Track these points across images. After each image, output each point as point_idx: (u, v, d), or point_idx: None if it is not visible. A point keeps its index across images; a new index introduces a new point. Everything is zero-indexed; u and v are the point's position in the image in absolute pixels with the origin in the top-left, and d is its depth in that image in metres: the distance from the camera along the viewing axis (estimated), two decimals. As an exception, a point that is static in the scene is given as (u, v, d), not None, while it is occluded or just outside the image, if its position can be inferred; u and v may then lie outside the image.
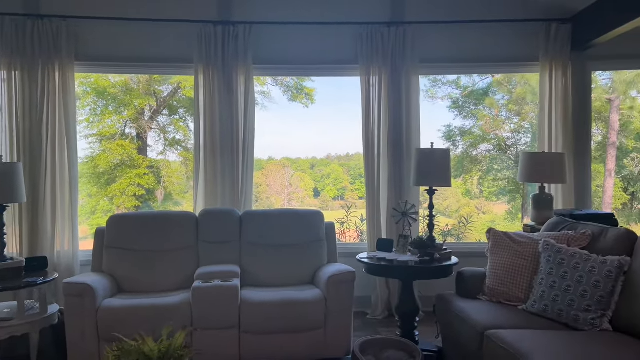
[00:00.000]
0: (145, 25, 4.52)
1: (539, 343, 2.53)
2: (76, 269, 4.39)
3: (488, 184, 10.10)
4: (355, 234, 5.84)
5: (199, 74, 4.52)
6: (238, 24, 4.52)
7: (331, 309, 3.56)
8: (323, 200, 10.99)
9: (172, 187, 9.32)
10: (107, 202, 8.84)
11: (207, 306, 3.42)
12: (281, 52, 4.75)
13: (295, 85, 8.95)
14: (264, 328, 3.48)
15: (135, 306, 3.42)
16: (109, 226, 3.98)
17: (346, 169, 11.07)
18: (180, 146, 9.30)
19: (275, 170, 10.89)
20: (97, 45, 4.53)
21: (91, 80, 8.18)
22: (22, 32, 4.25)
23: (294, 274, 4.00)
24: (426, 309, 4.37)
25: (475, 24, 4.73)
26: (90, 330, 3.36)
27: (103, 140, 8.57)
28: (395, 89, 4.62)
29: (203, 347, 3.31)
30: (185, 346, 2.20)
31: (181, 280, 3.89)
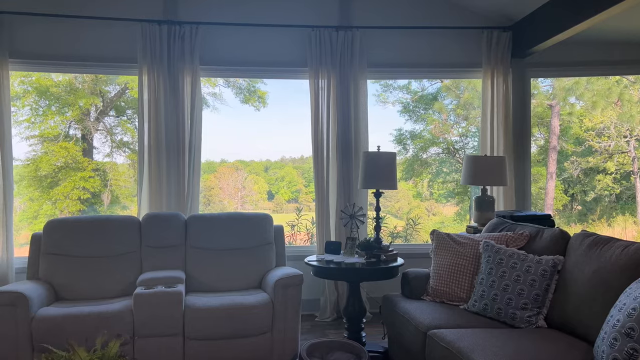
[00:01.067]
0: (87, 23, 4.37)
1: (478, 341, 2.59)
2: (10, 277, 4.17)
3: (438, 186, 10.36)
4: (306, 237, 5.84)
5: (143, 75, 4.41)
6: (184, 23, 4.43)
7: (278, 313, 3.54)
8: (277, 202, 10.95)
9: (120, 190, 9.04)
10: (50, 206, 8.46)
11: (149, 313, 3.32)
12: (230, 53, 4.69)
13: (248, 87, 8.87)
14: (210, 334, 3.41)
15: (73, 314, 3.28)
16: (46, 231, 3.80)
17: (300, 171, 11.07)
18: (128, 148, 9.04)
19: (228, 173, 10.76)
20: (35, 42, 4.33)
21: (32, 79, 7.83)
22: (-50, 26, 4.02)
23: (241, 279, 3.95)
24: (373, 310, 4.42)
25: (421, 29, 4.83)
26: (23, 340, 3.20)
27: (45, 142, 8.21)
28: (343, 92, 4.65)
29: (145, 355, 3.21)
30: (120, 355, 2.12)
31: (123, 286, 3.76)
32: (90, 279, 3.74)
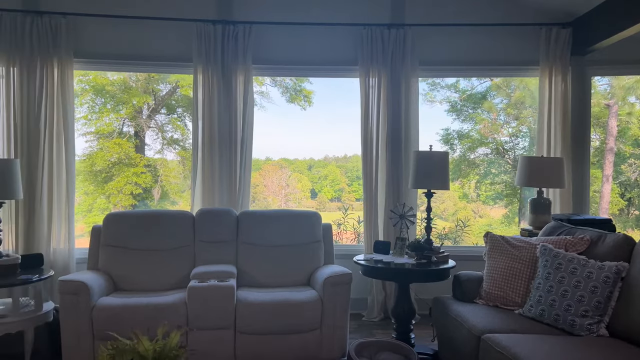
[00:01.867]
0: (145, 23, 4.51)
1: (535, 348, 2.52)
2: (72, 266, 4.36)
3: (485, 187, 10.11)
4: (352, 236, 5.83)
5: (198, 73, 4.51)
6: (238, 23, 4.51)
7: (327, 311, 3.55)
8: (320, 201, 10.98)
9: (169, 186, 9.29)
10: (104, 200, 8.80)
11: (202, 306, 3.41)
12: (281, 52, 4.74)
13: (294, 86, 8.94)
14: (260, 329, 3.47)
15: (131, 305, 3.40)
16: (105, 224, 3.96)
17: (344, 170, 11.06)
18: (178, 145, 9.28)
19: (272, 171, 10.88)
20: (97, 42, 4.51)
21: (89, 77, 8.15)
22: (20, 28, 4.23)
23: (290, 275, 3.99)
24: (422, 311, 4.36)
25: (475, 27, 4.73)
26: (85, 328, 3.34)
27: (100, 138, 8.54)
28: (394, 91, 4.62)
29: (198, 347, 3.29)
30: (181, 346, 2.18)
31: (177, 279, 3.87)
32: (146, 271, 3.86)
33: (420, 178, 3.82)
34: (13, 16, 4.22)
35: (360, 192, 9.93)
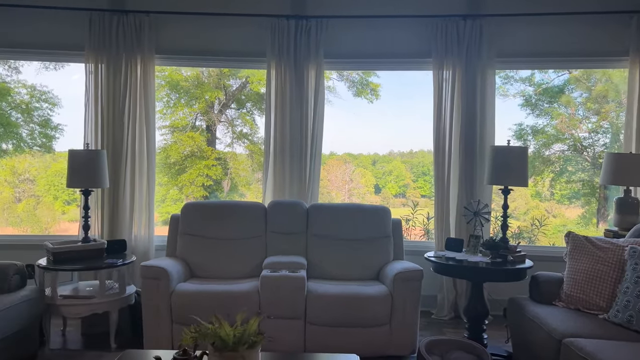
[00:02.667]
0: (222, 20, 4.63)
1: (623, 356, 2.38)
2: (151, 253, 4.59)
3: (560, 186, 9.62)
4: (420, 232, 5.74)
5: (271, 68, 4.59)
6: (311, 18, 4.54)
7: (397, 306, 3.53)
8: (384, 196, 10.88)
9: (238, 178, 9.55)
10: (176, 191, 9.20)
11: (274, 295, 3.48)
12: (352, 46, 4.73)
13: (361, 80, 8.90)
14: (329, 321, 3.50)
15: (207, 291, 3.54)
16: (183, 213, 4.14)
17: (409, 166, 10.90)
18: (247, 139, 9.51)
19: (336, 165, 10.90)
20: (176, 39, 4.69)
21: (165, 73, 8.53)
22: (108, 27, 4.48)
23: (359, 269, 4.00)
24: (495, 312, 4.22)
25: (555, 16, 4.50)
26: (164, 311, 3.51)
27: (175, 132, 8.91)
28: (469, 84, 4.48)
29: (269, 334, 3.36)
30: (259, 332, 2.24)
31: (250, 268, 3.99)
32: (220, 259, 4.00)
33: (497, 174, 3.69)
34: (101, 15, 4.48)
35: (426, 189, 9.71)
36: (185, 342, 2.21)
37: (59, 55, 4.82)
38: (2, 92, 6.72)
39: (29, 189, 8.07)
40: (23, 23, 4.60)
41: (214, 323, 2.21)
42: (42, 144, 7.59)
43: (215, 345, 2.15)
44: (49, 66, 5.98)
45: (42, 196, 8.08)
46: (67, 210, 8.28)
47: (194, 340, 2.19)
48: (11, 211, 7.66)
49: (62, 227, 7.97)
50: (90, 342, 3.86)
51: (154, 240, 4.68)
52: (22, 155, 7.50)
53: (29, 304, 3.33)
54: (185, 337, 2.21)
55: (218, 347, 2.14)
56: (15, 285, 3.41)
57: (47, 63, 5.76)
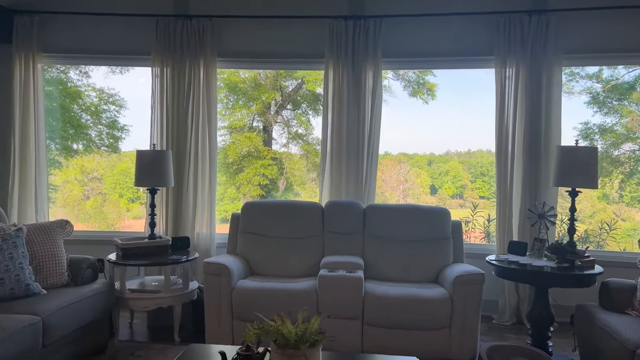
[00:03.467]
0: (281, 22, 4.71)
1: None
2: (212, 250, 4.73)
3: (630, 188, 9.09)
4: (480, 235, 5.59)
5: (329, 69, 4.61)
6: (369, 17, 4.53)
7: (457, 310, 3.46)
8: (440, 197, 10.67)
9: (293, 178, 9.67)
10: (234, 190, 9.43)
11: (332, 294, 3.50)
12: (411, 44, 4.67)
13: (417, 79, 8.78)
14: (387, 322, 3.48)
15: (266, 289, 3.61)
16: (243, 212, 4.24)
17: (466, 166, 10.64)
18: (302, 139, 9.62)
19: (391, 165, 10.80)
20: (237, 42, 4.80)
21: (224, 76, 8.76)
22: (172, 31, 4.65)
23: (417, 271, 3.95)
24: (560, 319, 4.05)
25: (628, 9, 4.26)
26: (225, 307, 3.60)
27: (233, 132, 9.14)
28: (534, 82, 4.33)
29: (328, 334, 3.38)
30: (320, 332, 2.26)
31: (307, 267, 4.03)
32: (279, 258, 4.07)
33: (564, 175, 3.54)
34: (166, 21, 4.66)
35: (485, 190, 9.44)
36: (249, 338, 2.26)
37: (126, 59, 5.06)
38: (73, 95, 7.13)
39: (97, 187, 8.51)
40: (93, 30, 4.86)
41: (276, 320, 2.25)
42: (109, 144, 7.98)
43: (278, 343, 2.19)
44: (116, 70, 6.29)
45: (108, 194, 8.50)
46: (132, 207, 8.68)
47: (257, 336, 2.24)
48: (80, 208, 8.11)
49: (126, 224, 8.37)
50: (155, 335, 4.03)
51: (215, 238, 4.81)
52: (90, 155, 7.92)
53: (101, 297, 3.52)
54: (249, 333, 2.26)
55: (280, 345, 2.18)
56: (88, 278, 3.61)
57: (114, 67, 6.04)
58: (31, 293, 3.19)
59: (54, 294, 3.25)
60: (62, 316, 3.09)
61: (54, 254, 3.46)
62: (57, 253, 3.48)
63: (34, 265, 3.34)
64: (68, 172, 7.78)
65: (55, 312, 3.04)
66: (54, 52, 4.89)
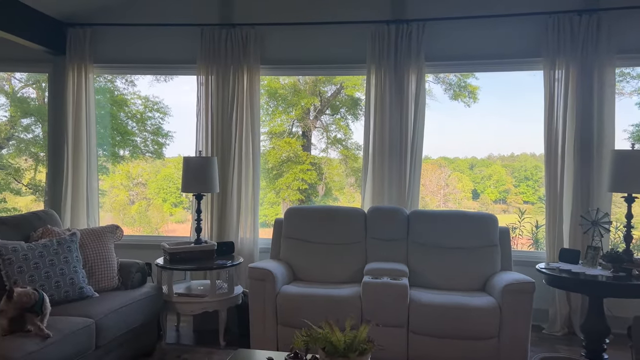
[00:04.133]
0: (322, 28, 4.72)
1: None
2: (256, 255, 4.77)
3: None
4: (528, 242, 5.43)
5: (371, 74, 4.59)
6: (412, 21, 4.48)
7: (506, 320, 3.36)
8: (483, 202, 10.44)
9: (332, 183, 9.68)
10: (273, 195, 9.51)
11: (376, 302, 3.46)
12: (455, 48, 4.60)
13: (458, 82, 8.64)
14: (433, 331, 3.42)
15: (310, 295, 3.60)
16: (286, 218, 4.26)
17: (510, 170, 10.38)
18: (341, 144, 9.62)
19: (431, 169, 10.65)
20: (279, 49, 4.84)
21: (264, 82, 8.87)
22: (217, 40, 4.74)
23: (464, 279, 3.87)
24: (617, 330, 3.87)
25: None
26: (270, 312, 3.62)
27: (273, 138, 9.22)
28: (585, 83, 4.18)
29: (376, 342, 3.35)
30: (369, 340, 2.24)
31: (350, 273, 4.01)
32: (321, 264, 4.06)
33: (619, 180, 3.40)
34: (211, 30, 4.76)
35: (529, 194, 9.17)
36: (297, 345, 2.26)
37: (172, 68, 5.20)
38: (120, 103, 7.38)
39: (141, 192, 8.75)
40: (140, 40, 5.01)
41: (324, 328, 2.24)
42: (154, 150, 8.20)
43: (327, 351, 2.17)
44: (160, 78, 6.46)
45: (152, 199, 8.72)
46: (174, 212, 8.88)
47: (306, 344, 2.24)
48: (126, 212, 8.35)
49: (169, 228, 8.56)
50: (201, 339, 4.09)
51: (258, 243, 4.85)
52: (136, 161, 8.15)
53: (149, 300, 3.60)
54: (297, 340, 2.26)
55: (329, 353, 2.16)
56: (137, 282, 3.70)
57: (159, 76, 6.21)
58: (84, 296, 3.29)
59: (106, 297, 3.35)
60: (113, 319, 3.18)
61: (106, 258, 3.57)
62: (108, 257, 3.59)
63: (87, 269, 3.45)
64: (114, 177, 8.03)
65: (107, 314, 3.14)
66: (103, 63, 5.07)
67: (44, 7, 4.62)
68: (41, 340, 2.61)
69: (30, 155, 7.86)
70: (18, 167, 7.79)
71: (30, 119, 7.71)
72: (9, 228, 3.39)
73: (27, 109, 7.71)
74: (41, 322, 2.65)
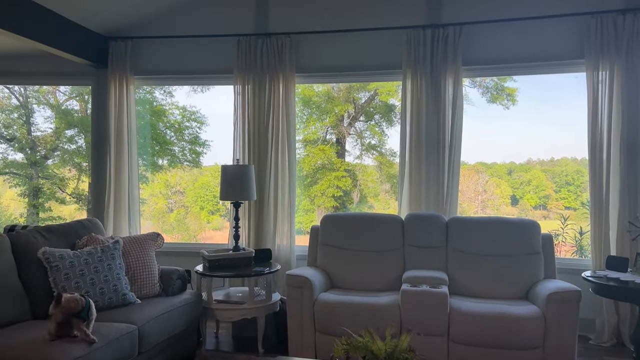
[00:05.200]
0: (357, 35, 4.71)
1: None
2: (293, 262, 4.79)
3: None
4: (572, 249, 5.25)
5: (407, 79, 4.56)
6: (448, 25, 4.44)
7: (551, 329, 3.26)
8: (522, 208, 10.18)
9: (367, 190, 9.63)
10: (308, 202, 9.54)
11: (415, 310, 3.42)
12: (493, 51, 4.52)
13: (496, 85, 8.47)
14: (475, 340, 3.34)
15: (348, 302, 3.59)
16: (322, 225, 4.26)
17: (550, 175, 10.09)
18: (375, 151, 9.57)
19: (468, 175, 10.46)
20: (314, 57, 4.87)
21: (298, 90, 8.94)
22: (253, 49, 4.81)
23: (505, 287, 3.78)
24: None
25: None
26: (308, 320, 3.62)
27: (307, 145, 9.26)
28: (630, 85, 4.04)
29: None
30: (411, 350, 2.20)
31: (387, 281, 3.97)
32: (359, 271, 4.04)
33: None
34: (247, 39, 4.83)
35: (570, 200, 8.89)
36: (337, 354, 2.25)
37: (210, 78, 5.30)
38: (159, 113, 7.57)
39: (179, 200, 8.92)
40: (178, 52, 5.12)
41: (365, 336, 2.22)
42: (191, 159, 8.36)
43: (367, 359, 2.15)
44: (197, 89, 6.60)
45: (190, 206, 8.88)
46: (212, 219, 9.02)
47: (346, 352, 2.22)
48: (165, 220, 8.53)
49: (207, 235, 8.69)
50: (239, 345, 4.13)
51: (295, 250, 4.87)
52: (174, 170, 8.33)
53: (190, 307, 3.66)
54: (337, 348, 2.25)
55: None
56: (178, 289, 3.76)
57: (196, 86, 6.33)
58: (127, 302, 3.37)
59: (148, 304, 3.41)
60: (155, 325, 3.24)
61: (147, 265, 3.65)
62: (150, 264, 3.67)
63: (129, 276, 3.53)
64: (154, 186, 8.23)
65: (149, 321, 3.20)
66: (143, 74, 5.21)
67: (87, 22, 4.79)
68: (87, 345, 2.67)
69: (74, 165, 8.14)
70: (62, 177, 8.09)
71: (73, 130, 8.00)
72: (56, 236, 3.51)
73: (70, 121, 8.01)
74: (87, 327, 2.72)
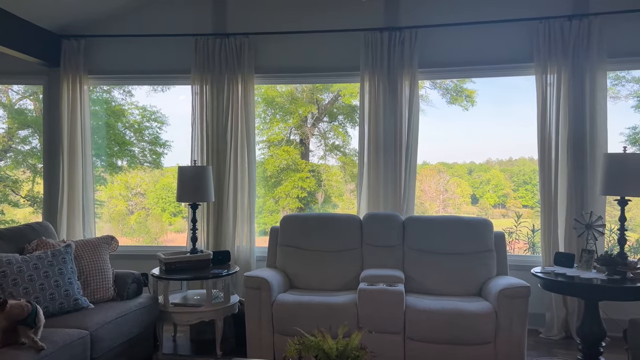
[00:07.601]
0: (316, 37, 4.75)
1: None
2: (252, 263, 4.77)
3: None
4: (525, 246, 5.42)
5: (365, 81, 4.61)
6: (404, 29, 4.52)
7: (502, 324, 3.36)
8: (482, 207, 10.43)
9: (331, 190, 9.68)
10: (272, 203, 9.51)
11: (372, 309, 3.46)
12: (448, 54, 4.63)
13: (455, 87, 8.66)
14: (430, 337, 3.42)
15: (306, 302, 3.60)
16: (282, 226, 4.26)
17: (508, 174, 10.38)
18: (339, 151, 9.63)
19: (429, 175, 10.65)
20: (273, 58, 4.88)
21: (261, 91, 8.91)
22: (211, 50, 4.77)
23: (460, 284, 3.87)
24: (613, 333, 3.87)
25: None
26: (266, 321, 3.62)
27: (271, 146, 9.24)
28: (576, 88, 4.20)
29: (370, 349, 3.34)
30: (362, 347, 2.24)
31: (347, 280, 4.00)
32: (317, 271, 4.06)
33: (612, 183, 3.41)
34: (205, 39, 4.79)
35: (528, 199, 9.18)
36: (290, 354, 2.26)
37: (167, 78, 5.23)
38: (117, 114, 7.40)
39: (140, 202, 8.74)
40: (135, 51, 5.04)
41: (317, 336, 2.24)
42: (152, 160, 8.21)
43: (319, 358, 2.17)
44: (157, 88, 6.49)
45: (151, 208, 8.72)
46: (174, 221, 8.87)
47: (298, 352, 2.24)
48: (125, 222, 8.34)
49: (169, 238, 8.55)
50: (198, 348, 4.09)
51: (255, 251, 4.85)
52: (134, 171, 8.15)
53: (145, 310, 3.60)
54: (290, 349, 2.26)
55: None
56: (133, 293, 3.70)
57: (156, 86, 6.23)
58: (80, 307, 3.29)
59: (101, 308, 3.34)
60: (109, 330, 3.18)
61: (101, 269, 3.57)
62: (103, 268, 3.59)
63: (82, 280, 3.45)
64: (113, 187, 8.03)
65: (102, 326, 3.13)
66: (99, 74, 5.10)
67: (38, 19, 4.65)
68: (35, 352, 2.60)
69: (28, 167, 7.87)
70: (16, 179, 7.80)
71: (27, 131, 7.73)
72: (4, 241, 3.39)
73: (24, 121, 7.74)
74: (35, 334, 2.65)
